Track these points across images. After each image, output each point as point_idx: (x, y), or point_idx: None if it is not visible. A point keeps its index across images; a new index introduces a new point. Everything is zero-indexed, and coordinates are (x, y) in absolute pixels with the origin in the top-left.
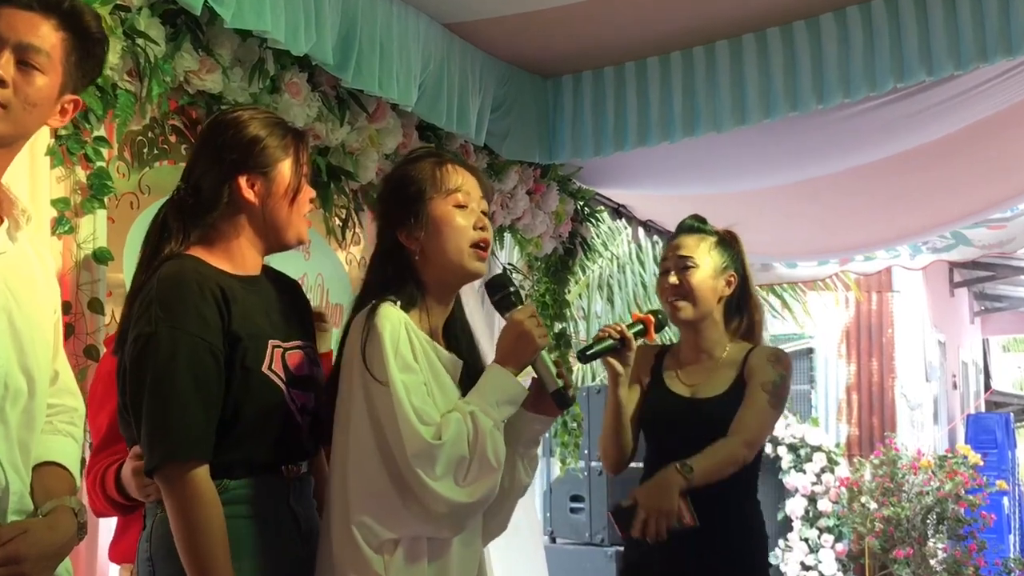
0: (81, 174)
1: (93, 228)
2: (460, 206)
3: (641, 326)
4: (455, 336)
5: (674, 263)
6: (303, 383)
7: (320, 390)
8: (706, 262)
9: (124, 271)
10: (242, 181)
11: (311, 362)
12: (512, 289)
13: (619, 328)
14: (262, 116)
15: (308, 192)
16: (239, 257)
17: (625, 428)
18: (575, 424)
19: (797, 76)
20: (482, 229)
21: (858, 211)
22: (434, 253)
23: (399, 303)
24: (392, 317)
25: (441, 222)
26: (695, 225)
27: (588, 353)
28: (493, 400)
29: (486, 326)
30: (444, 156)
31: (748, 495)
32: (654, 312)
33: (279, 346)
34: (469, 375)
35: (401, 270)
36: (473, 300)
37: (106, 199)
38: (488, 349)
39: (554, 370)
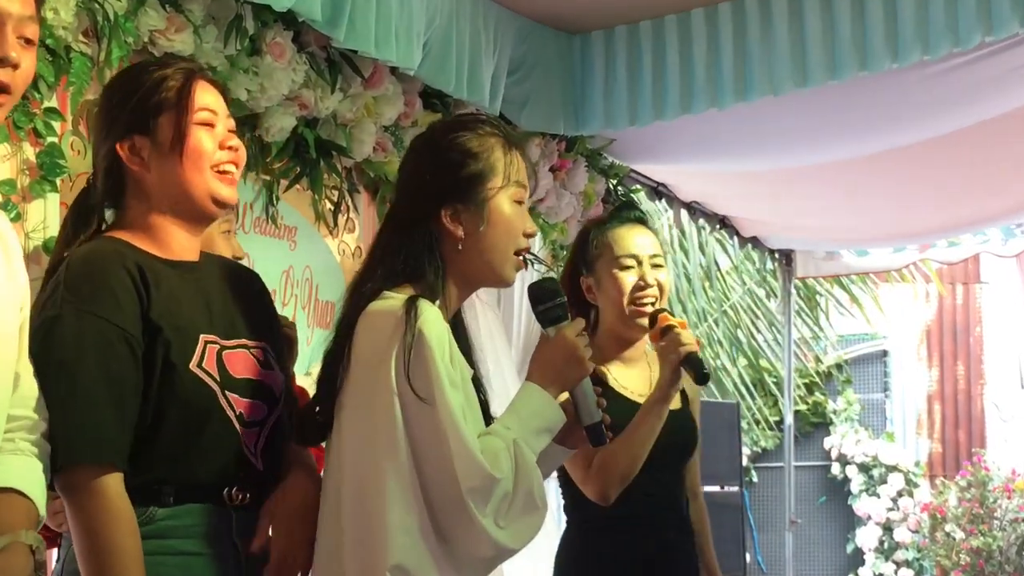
0: (30, 152)
1: (44, 215)
2: (518, 202)
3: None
4: (460, 337)
5: (647, 260)
6: (246, 388)
7: (278, 400)
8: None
9: None
10: (120, 148)
11: (263, 366)
12: (562, 300)
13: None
14: (145, 64)
15: (207, 138)
16: (164, 238)
17: None
18: None
19: (867, 29)
20: (530, 235)
21: (940, 189)
22: (479, 251)
23: (431, 299)
24: (438, 321)
25: (501, 221)
26: (643, 216)
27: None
28: (534, 427)
29: (495, 330)
30: (511, 137)
31: None
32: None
33: (215, 343)
34: (477, 384)
35: (432, 255)
36: (482, 297)
37: (59, 181)
38: (502, 357)
39: (594, 400)
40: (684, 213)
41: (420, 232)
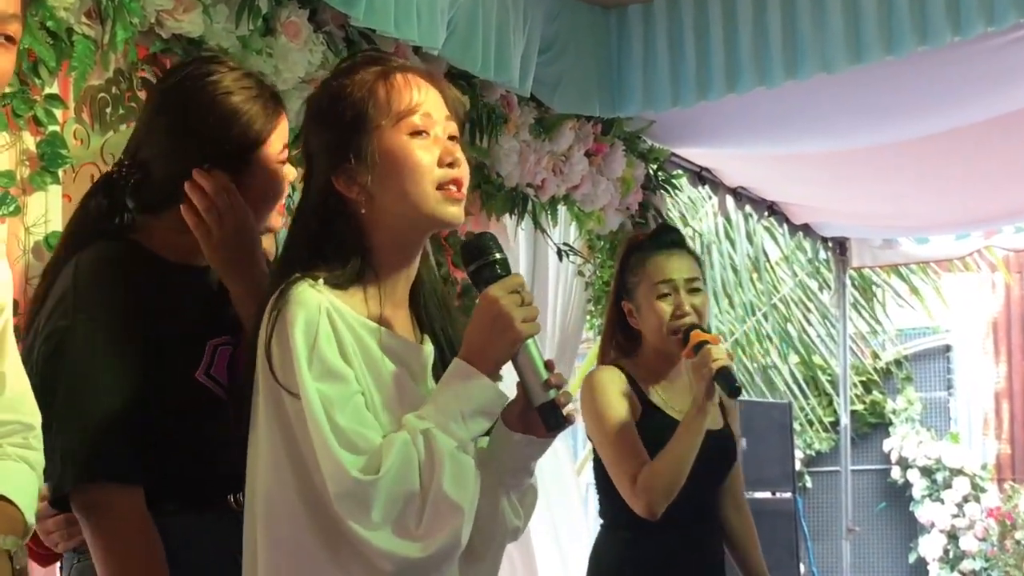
0: (30, 141)
1: (45, 208)
2: (418, 133)
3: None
4: (424, 308)
5: (683, 285)
6: None
7: None
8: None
9: None
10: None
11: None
12: (496, 257)
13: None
14: (239, 77)
15: (290, 176)
16: (186, 246)
17: None
18: None
19: (926, 0)
20: (451, 165)
21: (1006, 170)
22: (386, 203)
23: (324, 280)
24: (308, 302)
25: (395, 160)
26: (682, 239)
27: None
28: (456, 411)
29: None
30: (391, 63)
31: None
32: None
33: (223, 344)
34: (445, 359)
35: (341, 228)
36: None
37: (60, 172)
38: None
39: (544, 373)
40: (730, 200)
41: (328, 205)
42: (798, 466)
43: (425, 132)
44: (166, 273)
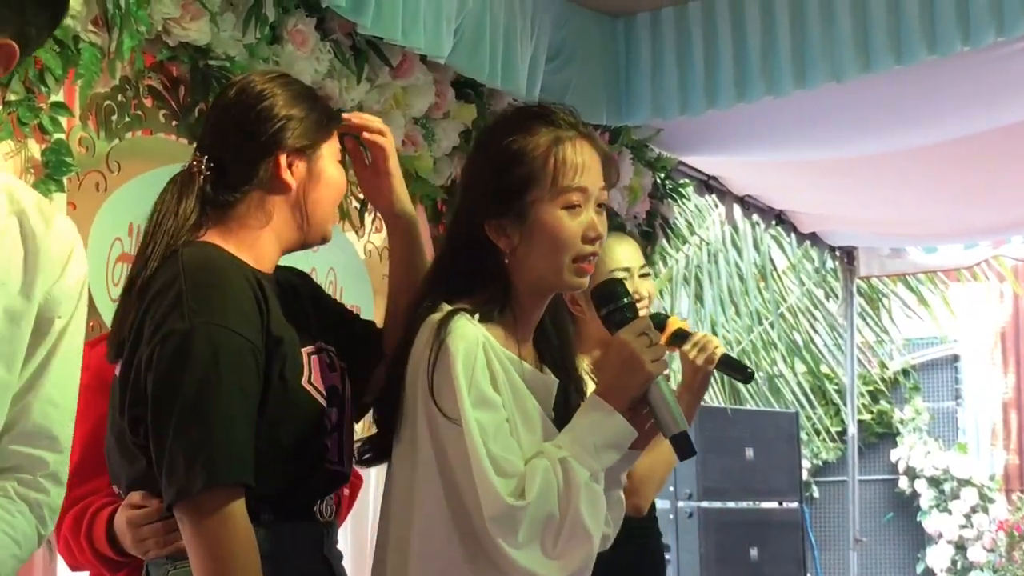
0: (35, 149)
1: None
2: (573, 207)
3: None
4: (547, 341)
5: (635, 273)
6: (332, 397)
7: (342, 401)
8: None
9: (88, 268)
10: (282, 160)
11: (330, 368)
12: (626, 301)
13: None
14: (298, 87)
15: (346, 183)
16: (260, 249)
17: None
18: None
19: (936, 8)
20: (592, 240)
21: (1015, 180)
22: (528, 261)
23: (478, 314)
24: (468, 335)
25: (545, 231)
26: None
27: None
28: (591, 443)
29: None
30: (564, 126)
31: None
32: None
33: (312, 352)
34: (568, 394)
35: (487, 267)
36: None
37: (65, 179)
38: None
39: (676, 408)
40: (737, 208)
41: (479, 244)
42: (805, 476)
43: (579, 207)
44: (259, 280)
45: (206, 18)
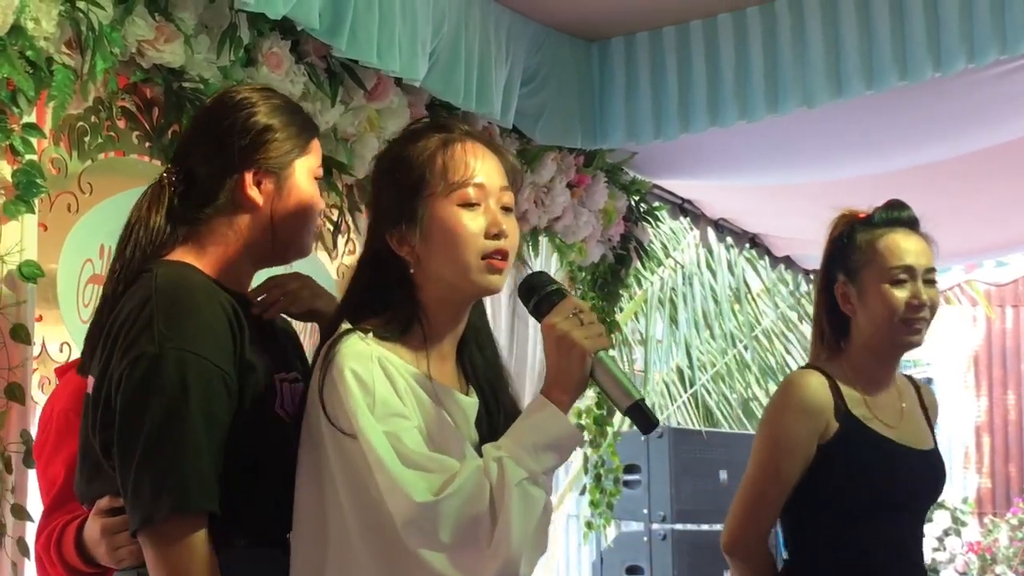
0: (6, 170)
1: (20, 237)
2: (469, 204)
3: None
4: (470, 361)
5: (921, 274)
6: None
7: None
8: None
9: (59, 290)
10: (248, 177)
11: (302, 395)
12: (550, 289)
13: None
14: (278, 100)
15: (320, 201)
16: (233, 268)
17: None
18: (611, 478)
19: (908, 35)
20: (497, 236)
21: (987, 205)
22: (433, 267)
23: (373, 332)
24: (357, 355)
25: (442, 229)
26: (917, 218)
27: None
28: (530, 443)
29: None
30: (455, 130)
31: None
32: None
33: (284, 379)
34: (490, 412)
35: (392, 283)
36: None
37: (36, 201)
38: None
39: (625, 380)
40: (711, 231)
41: (384, 260)
42: None
43: (477, 204)
44: (234, 305)
45: (180, 40)
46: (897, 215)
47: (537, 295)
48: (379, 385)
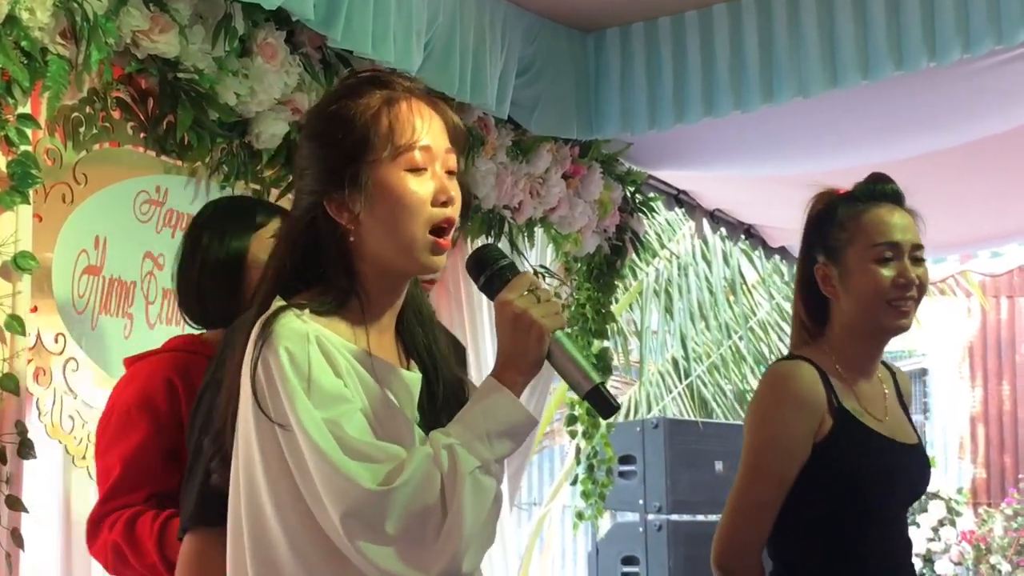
0: (1, 160)
1: (15, 227)
2: (416, 169)
3: None
4: (410, 333)
5: (908, 251)
6: None
7: None
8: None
9: (54, 280)
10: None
11: None
12: (502, 264)
13: None
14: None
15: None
16: None
17: None
18: (604, 469)
19: (903, 25)
20: (444, 204)
21: (982, 196)
22: (375, 235)
23: (307, 309)
24: (293, 332)
25: (388, 195)
26: (901, 192)
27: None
28: (482, 431)
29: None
30: (397, 87)
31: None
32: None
33: None
34: (432, 390)
35: (329, 253)
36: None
37: (31, 192)
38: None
39: (584, 363)
40: (706, 222)
41: (318, 227)
42: None
43: (423, 169)
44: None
45: (175, 31)
46: (881, 188)
47: (488, 270)
48: (316, 367)
